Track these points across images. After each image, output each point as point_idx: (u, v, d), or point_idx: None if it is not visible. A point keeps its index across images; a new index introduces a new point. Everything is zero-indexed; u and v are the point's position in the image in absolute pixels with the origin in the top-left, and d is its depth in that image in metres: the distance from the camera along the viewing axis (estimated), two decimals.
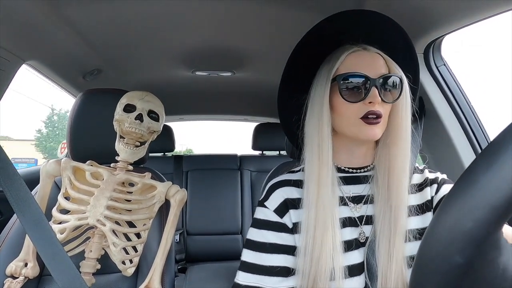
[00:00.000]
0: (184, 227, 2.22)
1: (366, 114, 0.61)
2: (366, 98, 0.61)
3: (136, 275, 0.99)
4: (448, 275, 0.30)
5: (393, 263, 0.61)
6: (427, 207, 0.68)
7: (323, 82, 0.65)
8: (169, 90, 1.99)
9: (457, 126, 1.07)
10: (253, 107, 2.50)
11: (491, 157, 0.29)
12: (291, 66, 0.73)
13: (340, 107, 0.64)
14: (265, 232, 0.66)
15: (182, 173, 2.36)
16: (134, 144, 1.05)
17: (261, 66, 1.64)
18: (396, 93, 0.63)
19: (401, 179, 0.64)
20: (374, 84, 0.61)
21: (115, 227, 0.94)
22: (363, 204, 0.68)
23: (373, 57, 0.64)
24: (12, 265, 0.91)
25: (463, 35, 1.06)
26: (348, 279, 0.62)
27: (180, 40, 1.34)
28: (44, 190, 1.01)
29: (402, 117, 0.65)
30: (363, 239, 0.65)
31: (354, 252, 0.64)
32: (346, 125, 0.64)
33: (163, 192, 1.03)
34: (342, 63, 0.64)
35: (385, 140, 0.66)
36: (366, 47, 0.66)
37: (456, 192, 0.31)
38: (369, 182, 0.69)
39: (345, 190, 0.68)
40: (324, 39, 0.69)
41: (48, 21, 1.06)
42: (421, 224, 0.66)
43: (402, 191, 0.63)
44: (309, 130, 0.66)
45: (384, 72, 0.63)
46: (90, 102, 1.12)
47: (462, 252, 0.29)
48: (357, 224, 0.67)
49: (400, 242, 0.62)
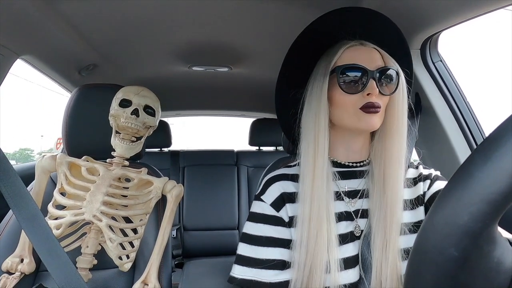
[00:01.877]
0: (181, 223, 2.22)
1: (365, 105, 0.62)
2: (365, 90, 0.62)
3: (133, 270, 1.00)
4: (443, 267, 0.31)
5: (388, 255, 0.62)
6: (419, 201, 0.69)
7: (321, 75, 0.66)
8: (165, 85, 1.98)
9: (453, 122, 1.08)
10: (250, 102, 2.50)
11: (487, 152, 0.30)
12: (289, 61, 0.74)
13: (339, 99, 0.65)
14: (262, 225, 0.67)
15: (178, 168, 2.36)
16: (130, 139, 1.04)
17: (257, 62, 1.63)
18: (393, 86, 0.65)
19: (397, 171, 0.64)
20: (372, 76, 0.62)
21: (112, 223, 0.94)
22: (358, 198, 0.69)
23: (370, 51, 0.66)
24: (8, 261, 0.90)
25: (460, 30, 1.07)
26: (343, 271, 0.62)
27: (176, 35, 1.33)
28: (39, 186, 1.01)
29: (399, 110, 0.66)
30: (358, 232, 0.66)
31: (349, 245, 0.65)
32: (346, 117, 0.65)
33: (160, 187, 1.03)
34: (340, 57, 0.66)
35: (380, 133, 0.67)
36: (363, 42, 0.67)
37: (452, 186, 0.31)
38: (364, 177, 0.69)
39: (340, 184, 0.69)
40: (321, 35, 0.70)
41: (43, 15, 1.04)
42: (413, 218, 0.67)
43: (397, 183, 0.64)
44: (306, 123, 0.67)
45: (381, 65, 0.64)
46: (85, 97, 1.11)
47: (457, 245, 0.30)
48: (352, 218, 0.67)
49: (395, 235, 0.63)
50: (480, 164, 0.29)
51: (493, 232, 0.31)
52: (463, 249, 0.30)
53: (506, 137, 0.29)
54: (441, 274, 0.31)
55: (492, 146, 0.29)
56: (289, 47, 0.73)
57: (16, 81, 11.23)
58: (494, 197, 0.28)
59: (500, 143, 0.29)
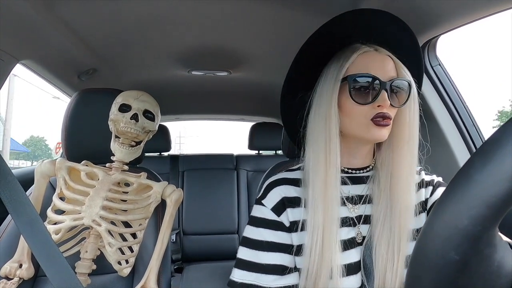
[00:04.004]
0: (180, 227, 2.21)
1: (375, 116, 0.61)
2: (376, 101, 0.61)
3: (132, 275, 0.99)
4: (443, 271, 0.31)
5: (391, 262, 0.61)
6: (421, 208, 0.68)
7: (331, 81, 0.64)
8: (165, 89, 1.98)
9: (452, 125, 1.08)
10: (249, 106, 2.50)
11: (486, 155, 0.30)
12: (298, 63, 0.71)
13: (349, 108, 0.63)
14: (262, 230, 0.66)
15: (178, 173, 2.35)
16: (130, 144, 1.04)
17: (257, 66, 1.64)
18: (404, 97, 0.63)
19: (407, 181, 0.63)
20: (384, 88, 0.61)
21: (111, 227, 0.93)
22: (361, 204, 0.68)
23: (384, 60, 0.64)
24: (6, 266, 0.90)
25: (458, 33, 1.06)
26: (345, 278, 0.62)
27: (176, 40, 1.34)
28: (38, 191, 1.00)
29: (410, 121, 0.65)
30: (360, 239, 0.66)
31: (351, 251, 0.65)
32: (355, 126, 0.64)
33: (159, 192, 1.03)
34: (353, 63, 0.63)
35: (389, 142, 0.66)
36: (377, 48, 0.65)
37: (452, 189, 0.31)
38: (367, 183, 0.69)
39: (344, 190, 0.68)
40: (334, 37, 0.68)
41: (43, 20, 1.05)
42: (415, 225, 0.66)
43: (408, 193, 0.63)
44: (315, 129, 0.65)
45: (394, 76, 0.63)
46: (85, 102, 1.11)
47: (457, 249, 0.30)
48: (354, 223, 0.67)
49: (404, 242, 0.62)
50: (480, 167, 0.29)
51: (493, 235, 0.31)
52: (463, 252, 0.30)
53: (506, 140, 0.29)
54: (441, 278, 0.31)
55: (491, 149, 0.30)
56: (288, 51, 0.72)
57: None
58: (494, 201, 0.28)
59: (499, 146, 0.29)
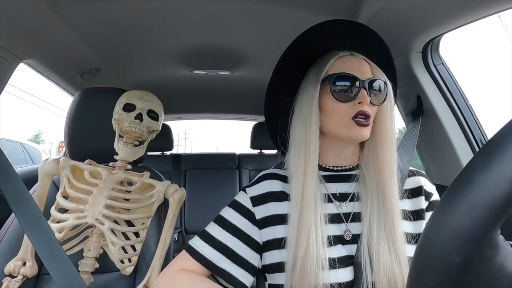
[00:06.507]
0: (182, 226, 2.22)
1: (356, 114, 0.64)
2: (356, 98, 0.64)
3: (135, 274, 1.00)
4: (445, 273, 0.30)
5: (384, 257, 0.62)
6: (420, 215, 0.69)
7: (312, 83, 0.68)
8: (167, 89, 1.98)
9: (455, 124, 1.08)
10: (252, 105, 2.50)
11: (488, 156, 0.30)
12: (279, 69, 0.75)
13: (330, 107, 0.66)
14: (231, 211, 0.70)
15: (180, 172, 2.36)
16: (133, 143, 1.05)
17: (259, 65, 1.64)
18: (382, 96, 0.67)
19: (390, 179, 0.66)
20: (363, 86, 0.64)
21: (114, 226, 0.94)
22: (348, 201, 0.70)
23: (360, 62, 0.68)
24: (10, 264, 0.91)
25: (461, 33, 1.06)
26: (334, 272, 0.63)
27: (178, 39, 1.34)
28: (42, 189, 1.01)
29: (387, 119, 0.68)
30: (348, 236, 0.67)
31: (339, 247, 0.66)
32: (337, 126, 0.66)
33: (162, 191, 1.04)
34: (332, 66, 0.68)
35: (371, 142, 0.69)
36: (353, 53, 0.69)
37: (453, 191, 0.31)
38: (355, 181, 0.70)
39: (330, 187, 0.70)
40: (312, 45, 0.72)
41: (46, 19, 1.05)
42: (412, 230, 0.68)
43: (391, 190, 0.65)
44: (296, 131, 0.68)
45: (371, 76, 0.66)
46: (88, 101, 1.12)
47: (459, 251, 0.30)
48: (342, 220, 0.68)
49: (391, 238, 0.63)
50: (481, 170, 0.29)
51: (495, 237, 0.31)
52: (465, 254, 0.30)
53: (507, 142, 0.29)
54: (443, 279, 0.31)
55: (492, 151, 0.29)
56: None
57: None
58: (496, 202, 0.28)
59: (500, 148, 0.29)
